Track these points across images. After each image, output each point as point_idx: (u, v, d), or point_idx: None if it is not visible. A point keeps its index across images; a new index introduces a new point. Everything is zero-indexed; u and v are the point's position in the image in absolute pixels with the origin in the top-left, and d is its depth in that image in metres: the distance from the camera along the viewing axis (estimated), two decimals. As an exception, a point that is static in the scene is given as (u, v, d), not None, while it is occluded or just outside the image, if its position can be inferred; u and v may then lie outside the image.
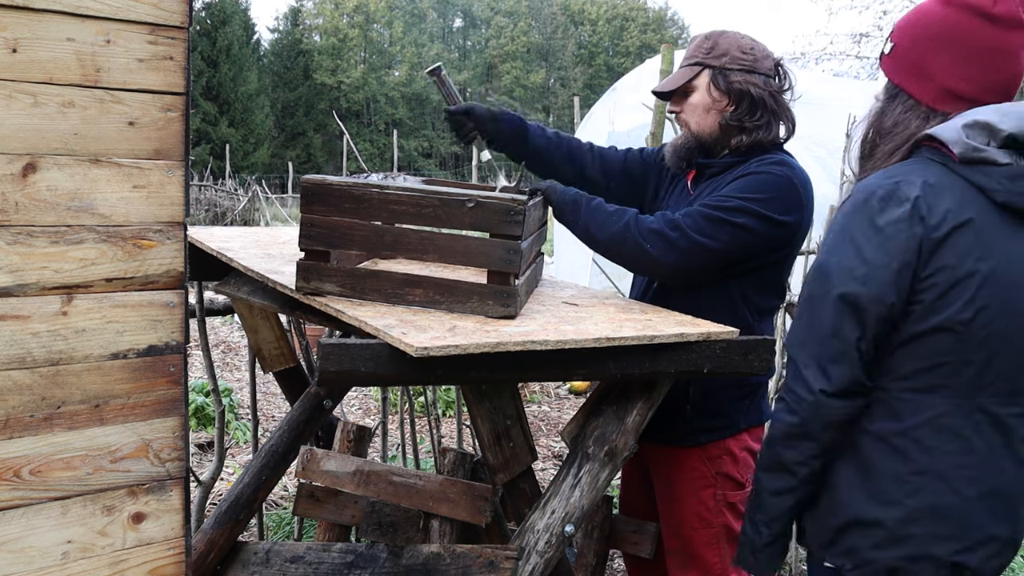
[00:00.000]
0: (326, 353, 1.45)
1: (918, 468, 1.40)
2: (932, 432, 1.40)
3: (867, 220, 1.39)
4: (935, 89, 1.45)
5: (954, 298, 1.36)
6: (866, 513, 1.43)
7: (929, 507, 1.40)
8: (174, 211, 1.37)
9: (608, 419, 1.83)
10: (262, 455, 2.30)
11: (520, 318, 1.69)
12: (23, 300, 1.25)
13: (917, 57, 1.46)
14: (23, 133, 1.23)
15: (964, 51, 1.42)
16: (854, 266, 1.39)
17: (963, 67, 1.43)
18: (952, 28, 1.43)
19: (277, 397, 5.57)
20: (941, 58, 1.44)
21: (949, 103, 1.45)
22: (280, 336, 2.55)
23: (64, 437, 1.30)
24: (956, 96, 1.44)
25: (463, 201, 1.64)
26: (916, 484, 1.40)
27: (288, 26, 48.56)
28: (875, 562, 1.42)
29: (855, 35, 22.46)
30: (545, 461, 4.65)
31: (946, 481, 1.39)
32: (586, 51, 54.95)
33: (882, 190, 1.39)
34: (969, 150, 1.36)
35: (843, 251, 1.41)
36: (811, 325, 1.44)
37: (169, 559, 1.41)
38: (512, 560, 1.76)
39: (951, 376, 1.38)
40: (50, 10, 1.23)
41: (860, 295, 1.38)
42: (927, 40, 1.45)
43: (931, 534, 1.40)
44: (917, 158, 1.44)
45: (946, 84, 1.44)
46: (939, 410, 1.40)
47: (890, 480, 1.41)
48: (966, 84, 1.43)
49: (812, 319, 1.44)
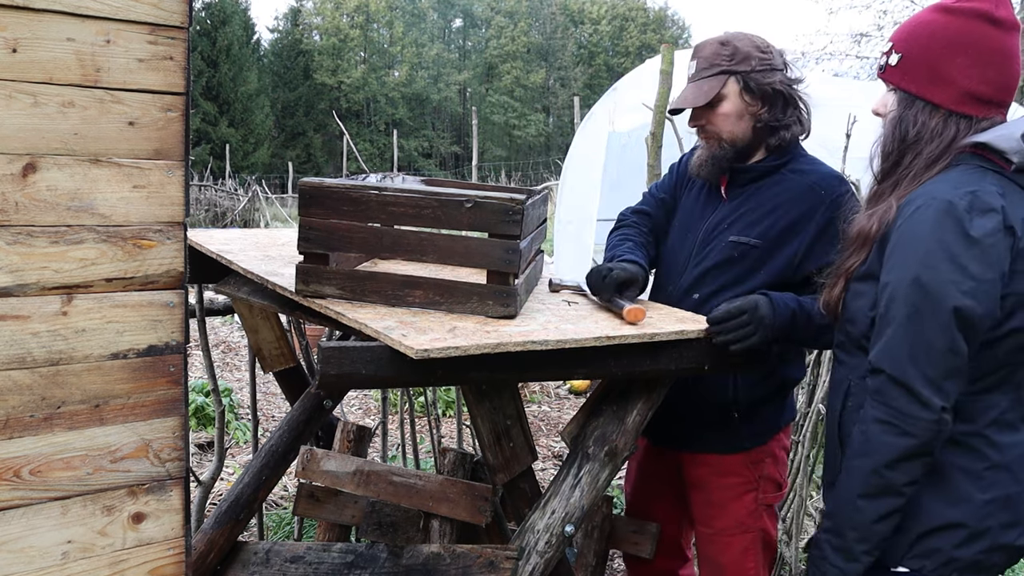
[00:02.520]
0: (326, 356, 1.45)
1: (991, 464, 1.46)
2: (998, 429, 1.46)
3: (959, 231, 1.38)
4: (955, 93, 1.48)
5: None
6: (947, 516, 1.46)
7: (1001, 499, 1.46)
8: (174, 211, 1.37)
9: (608, 419, 1.83)
10: (262, 455, 2.30)
11: (520, 317, 1.69)
12: (23, 300, 1.25)
13: (932, 64, 1.49)
14: (23, 133, 1.23)
15: (977, 54, 1.46)
16: (959, 279, 1.38)
17: (980, 69, 1.47)
18: (963, 33, 1.47)
19: (277, 397, 5.57)
20: (957, 62, 1.47)
21: (969, 105, 1.48)
22: (280, 336, 2.55)
23: (64, 437, 1.30)
24: (976, 98, 1.48)
25: (461, 201, 1.64)
26: (989, 479, 1.46)
27: (288, 26, 48.55)
28: (958, 560, 1.46)
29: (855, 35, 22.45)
30: (545, 461, 4.65)
31: (1011, 472, 1.46)
32: (586, 51, 54.95)
33: (963, 200, 1.39)
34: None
35: (941, 265, 1.39)
36: (918, 342, 1.40)
37: (169, 559, 1.41)
38: (512, 560, 1.76)
39: (1011, 374, 1.46)
40: (50, 10, 1.23)
41: (974, 310, 1.38)
42: (939, 47, 1.48)
43: (1001, 524, 1.46)
44: (968, 167, 1.45)
45: (967, 87, 1.47)
46: (1002, 407, 1.46)
47: (965, 479, 1.46)
48: (985, 86, 1.47)
49: (919, 336, 1.40)
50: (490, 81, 52.40)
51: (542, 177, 28.59)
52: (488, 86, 52.01)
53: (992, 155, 1.44)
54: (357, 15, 48.97)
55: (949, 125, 1.49)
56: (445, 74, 51.51)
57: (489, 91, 51.24)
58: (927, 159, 1.49)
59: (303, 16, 49.25)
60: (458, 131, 52.84)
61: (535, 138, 50.86)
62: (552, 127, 52.52)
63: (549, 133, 52.25)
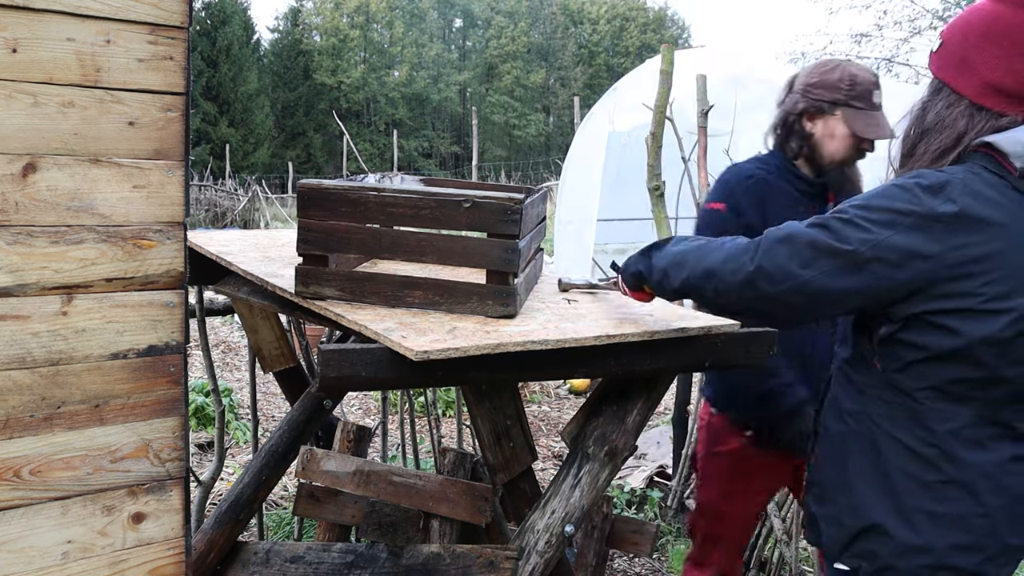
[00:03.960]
0: (326, 359, 1.45)
1: (946, 478, 1.39)
2: (959, 443, 1.38)
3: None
4: (979, 83, 1.41)
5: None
6: (887, 519, 1.42)
7: (952, 517, 1.39)
8: (174, 211, 1.37)
9: (608, 419, 1.83)
10: (262, 455, 2.31)
11: (520, 317, 1.69)
12: (23, 300, 1.25)
13: (963, 51, 1.43)
14: (23, 133, 1.23)
15: (1011, 45, 1.39)
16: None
17: (1008, 60, 1.38)
18: (1002, 22, 1.40)
19: (277, 397, 5.57)
20: (986, 51, 1.40)
21: (992, 98, 1.40)
22: (280, 336, 2.55)
23: (64, 437, 1.30)
24: (999, 90, 1.39)
25: (459, 201, 1.64)
26: (940, 494, 1.39)
27: (288, 26, 48.56)
28: (895, 568, 1.41)
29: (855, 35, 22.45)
30: (545, 461, 4.65)
31: (970, 491, 1.38)
32: (586, 51, 54.94)
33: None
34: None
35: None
36: None
37: (169, 559, 1.41)
38: (512, 560, 1.76)
39: (979, 389, 1.37)
40: (50, 10, 1.23)
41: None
42: (975, 35, 1.42)
43: (952, 545, 1.39)
44: (971, 165, 1.39)
45: (990, 78, 1.40)
46: (964, 421, 1.38)
47: (914, 488, 1.40)
48: (1011, 78, 1.38)
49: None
50: (490, 81, 52.39)
51: (542, 177, 28.60)
52: (488, 86, 52.00)
53: (998, 155, 1.37)
54: (357, 15, 48.96)
55: (964, 116, 1.42)
56: (445, 74, 51.50)
57: (489, 91, 51.24)
58: (936, 149, 1.43)
59: (303, 16, 49.25)
60: (458, 131, 52.84)
61: (535, 138, 50.86)
62: (552, 127, 52.52)
63: (549, 133, 52.25)
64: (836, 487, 1.50)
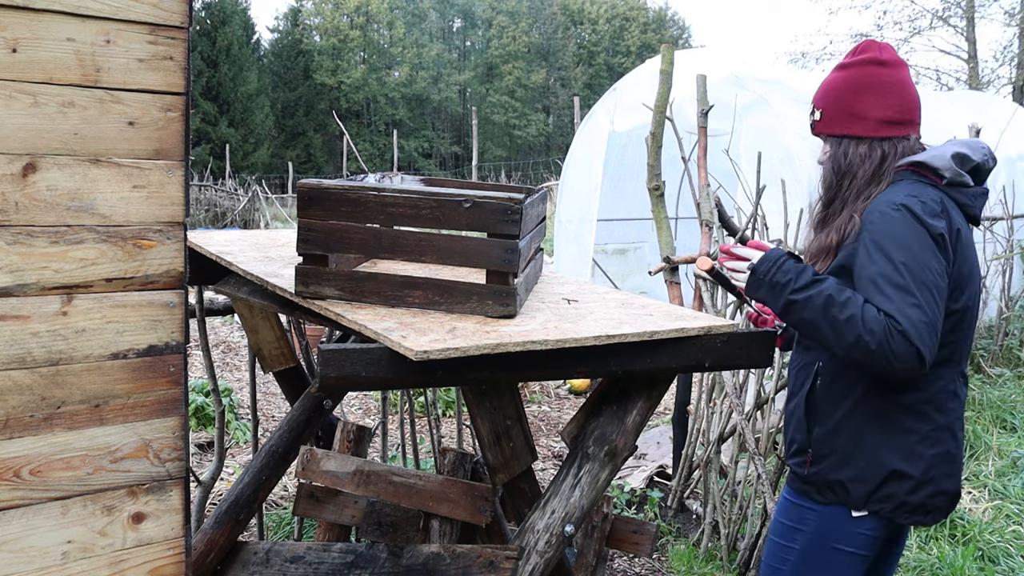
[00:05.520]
0: (326, 359, 1.45)
1: (936, 426, 1.80)
2: (943, 397, 1.81)
3: (924, 230, 1.71)
4: (871, 123, 1.85)
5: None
6: (900, 466, 1.79)
7: (943, 454, 1.81)
8: (174, 211, 1.37)
9: (608, 419, 1.83)
10: (262, 455, 2.31)
11: (520, 317, 1.69)
12: (23, 300, 1.25)
13: (846, 108, 1.87)
14: (23, 133, 1.23)
15: (877, 89, 1.86)
16: (935, 266, 1.73)
17: (884, 99, 1.85)
18: (863, 78, 1.86)
19: (277, 397, 5.57)
20: (865, 100, 1.85)
21: (885, 129, 1.85)
22: (280, 336, 2.55)
23: (64, 437, 1.30)
24: (888, 122, 1.85)
25: (459, 201, 1.64)
26: (935, 439, 1.80)
27: (288, 26, 48.55)
28: (908, 503, 1.80)
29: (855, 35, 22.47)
30: (545, 461, 4.65)
31: (952, 432, 1.82)
32: (586, 51, 54.93)
33: (917, 206, 1.72)
34: (955, 175, 1.79)
35: (923, 254, 1.73)
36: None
37: (169, 559, 1.41)
38: (512, 560, 1.76)
39: (953, 352, 1.80)
40: (50, 10, 1.23)
41: (944, 290, 1.76)
42: (848, 94, 1.87)
43: (943, 474, 1.81)
44: (910, 181, 1.80)
45: (878, 116, 1.85)
46: (946, 379, 1.81)
47: (916, 439, 1.79)
48: (891, 111, 1.85)
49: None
50: (490, 81, 52.38)
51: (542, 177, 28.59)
52: (488, 86, 51.99)
53: (927, 172, 1.79)
54: (357, 15, 48.97)
55: (875, 148, 1.84)
56: (445, 74, 51.50)
57: (490, 91, 51.23)
58: (864, 178, 1.84)
59: (303, 16, 49.25)
60: (458, 131, 52.84)
61: (535, 138, 50.86)
62: (552, 127, 52.52)
63: (549, 133, 52.25)
64: (853, 452, 1.82)
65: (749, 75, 6.32)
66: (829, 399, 1.85)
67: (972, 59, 22.14)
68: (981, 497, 3.89)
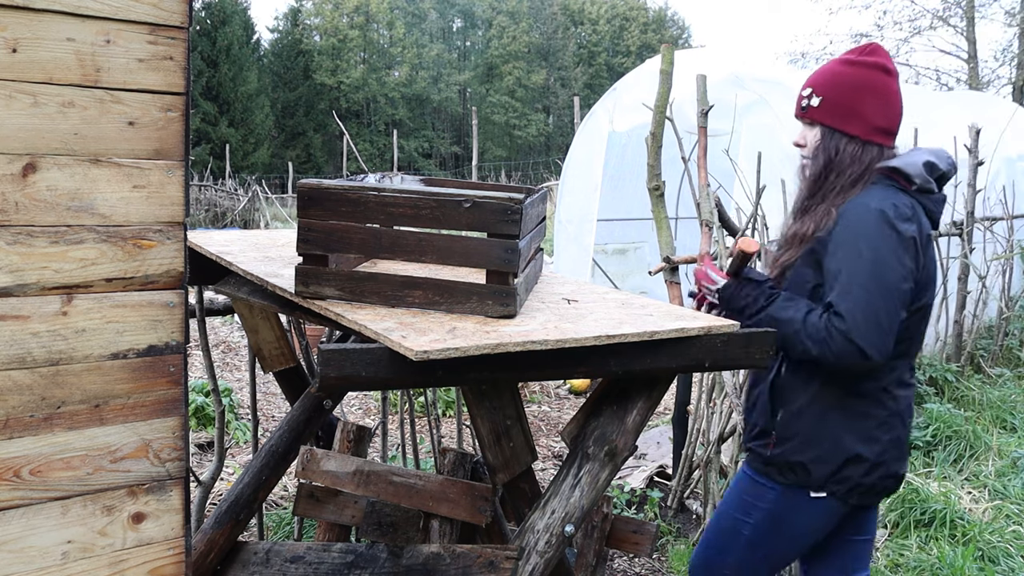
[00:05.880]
0: (326, 359, 1.45)
1: (890, 412, 1.96)
2: (896, 385, 1.97)
3: (896, 232, 1.84)
4: (867, 126, 1.95)
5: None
6: (860, 450, 1.93)
7: (895, 439, 1.97)
8: (174, 211, 1.37)
9: (608, 419, 1.83)
10: (262, 455, 2.31)
11: (520, 317, 1.69)
12: (23, 300, 1.25)
13: (847, 104, 1.94)
14: (23, 133, 1.23)
15: (880, 96, 1.95)
16: (901, 268, 1.86)
17: (883, 108, 1.95)
18: (870, 80, 1.95)
19: (277, 397, 5.57)
20: (867, 103, 1.94)
21: (876, 136, 1.95)
22: (280, 336, 2.55)
23: (64, 437, 1.30)
24: (880, 130, 1.95)
25: (460, 201, 1.63)
26: (889, 424, 1.96)
27: (288, 26, 48.55)
28: (862, 484, 1.95)
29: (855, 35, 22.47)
30: (545, 461, 4.65)
31: (902, 418, 1.98)
32: (586, 51, 54.93)
33: (892, 210, 1.85)
34: (924, 182, 1.91)
35: (890, 257, 1.85)
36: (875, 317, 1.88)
37: (169, 559, 1.41)
38: (512, 560, 1.76)
39: (909, 346, 1.97)
40: (50, 10, 1.23)
41: (909, 292, 1.88)
42: (852, 91, 1.95)
43: (894, 458, 1.98)
44: (883, 185, 1.92)
45: (875, 122, 1.95)
46: (901, 369, 1.98)
47: (873, 424, 1.95)
48: (886, 120, 1.96)
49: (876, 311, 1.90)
50: (490, 81, 52.37)
51: (542, 177, 28.60)
52: (489, 86, 51.98)
53: (899, 177, 1.92)
54: (357, 15, 48.95)
55: (866, 151, 1.94)
56: (445, 74, 51.49)
57: (490, 91, 51.22)
58: (851, 178, 1.93)
59: (303, 16, 49.24)
60: (458, 131, 52.84)
61: (535, 138, 50.86)
62: (552, 127, 52.52)
63: (549, 133, 52.25)
64: (816, 436, 1.95)
65: (749, 75, 6.31)
66: (792, 386, 1.98)
67: (972, 59, 22.16)
68: (981, 497, 3.89)
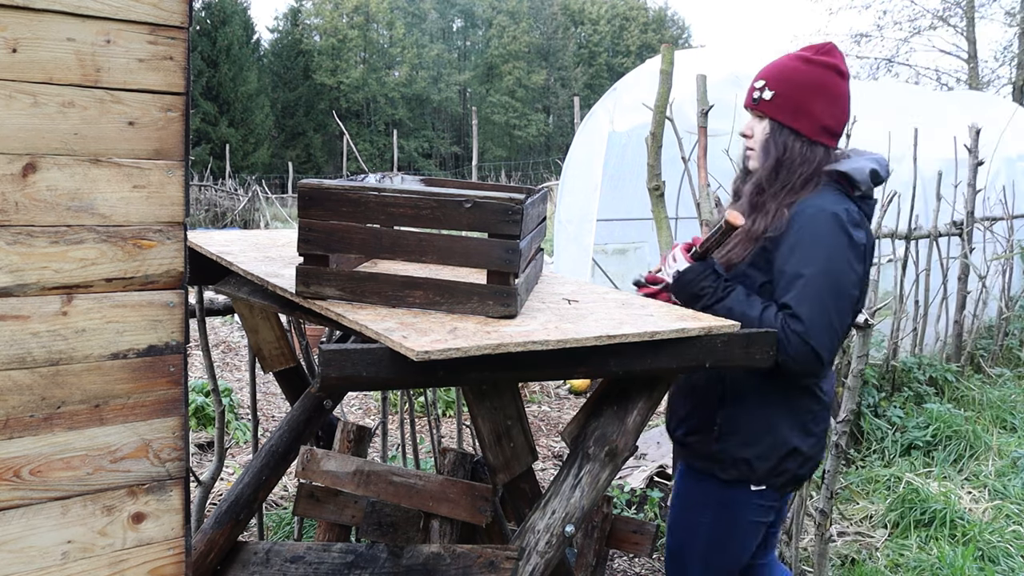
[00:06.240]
0: (327, 359, 1.45)
1: (822, 406, 2.04)
2: (826, 381, 2.05)
3: (849, 238, 1.86)
4: (815, 126, 1.94)
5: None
6: (797, 443, 2.00)
7: (823, 431, 2.06)
8: (174, 211, 1.37)
9: (609, 419, 1.83)
10: (262, 455, 2.31)
11: (521, 317, 1.69)
12: (23, 300, 1.25)
13: (799, 101, 1.94)
14: (23, 133, 1.23)
15: (831, 97, 1.95)
16: (852, 274, 1.89)
17: (832, 109, 1.95)
18: (823, 81, 1.94)
19: (277, 397, 5.57)
20: (818, 103, 1.93)
21: (823, 136, 1.95)
22: (280, 336, 2.55)
23: (64, 437, 1.30)
24: (827, 130, 1.95)
25: (460, 202, 1.63)
26: (820, 417, 2.04)
27: (288, 26, 48.55)
28: (797, 476, 2.03)
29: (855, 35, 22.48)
30: (545, 461, 4.65)
31: (828, 411, 2.08)
32: (586, 51, 54.93)
33: (844, 215, 1.87)
34: (867, 188, 1.94)
35: (842, 263, 1.88)
36: (827, 318, 1.91)
37: (169, 559, 1.41)
38: (512, 560, 1.76)
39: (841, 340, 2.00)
40: (50, 10, 1.23)
41: (857, 296, 1.94)
42: (804, 89, 1.94)
43: (820, 448, 2.07)
44: (831, 189, 1.93)
45: (823, 122, 1.95)
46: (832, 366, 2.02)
47: (810, 417, 2.02)
48: (833, 121, 1.96)
49: (827, 313, 1.93)
50: (490, 81, 52.36)
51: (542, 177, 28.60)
52: (489, 86, 51.97)
53: (845, 182, 1.93)
54: (356, 15, 48.95)
55: (813, 150, 1.94)
56: (445, 74, 51.48)
57: (490, 91, 51.21)
58: (801, 178, 1.92)
59: (303, 16, 49.25)
60: (458, 131, 52.84)
61: (535, 138, 50.86)
62: (552, 127, 52.52)
63: (549, 133, 52.25)
64: (760, 432, 1.98)
65: (749, 75, 6.31)
66: (738, 379, 1.99)
67: (972, 59, 22.15)
68: (981, 497, 3.89)
